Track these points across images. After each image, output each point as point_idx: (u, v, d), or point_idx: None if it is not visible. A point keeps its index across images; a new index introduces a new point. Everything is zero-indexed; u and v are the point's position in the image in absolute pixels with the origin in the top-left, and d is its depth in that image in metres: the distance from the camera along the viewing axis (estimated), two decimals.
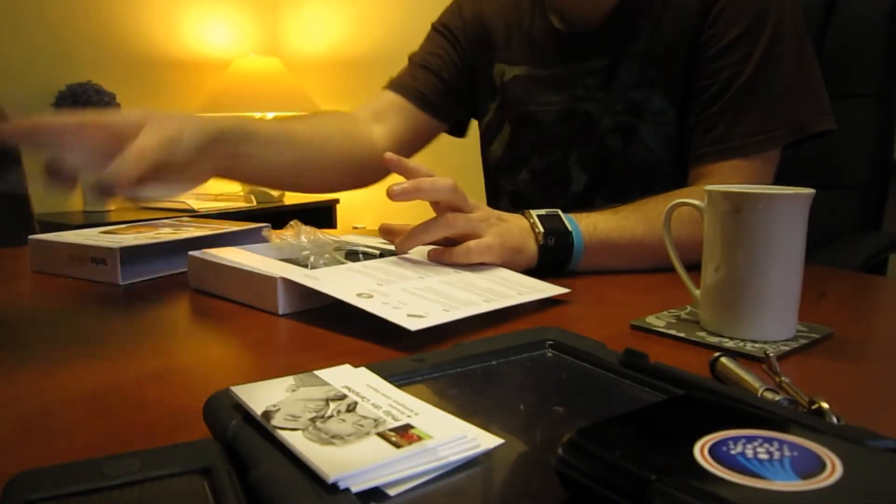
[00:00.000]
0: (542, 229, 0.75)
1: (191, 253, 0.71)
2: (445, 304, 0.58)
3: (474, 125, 1.17)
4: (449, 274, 0.67)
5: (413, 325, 0.52)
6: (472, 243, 0.70)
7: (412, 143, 1.06)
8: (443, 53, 1.07)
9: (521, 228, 0.76)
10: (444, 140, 1.16)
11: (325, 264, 0.70)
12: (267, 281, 0.62)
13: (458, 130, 1.19)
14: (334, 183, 0.99)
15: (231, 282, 0.66)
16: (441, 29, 1.10)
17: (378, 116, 1.03)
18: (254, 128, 0.78)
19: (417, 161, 0.73)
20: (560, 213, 0.79)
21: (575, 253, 0.77)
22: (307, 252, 0.73)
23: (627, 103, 0.94)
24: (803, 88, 0.87)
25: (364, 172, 0.98)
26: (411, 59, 1.10)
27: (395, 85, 1.06)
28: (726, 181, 0.82)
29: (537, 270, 0.74)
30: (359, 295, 0.58)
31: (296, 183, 0.92)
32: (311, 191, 0.99)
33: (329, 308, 0.63)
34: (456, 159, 1.48)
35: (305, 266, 0.69)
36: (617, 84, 0.94)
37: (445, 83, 1.07)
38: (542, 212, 0.78)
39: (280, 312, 0.61)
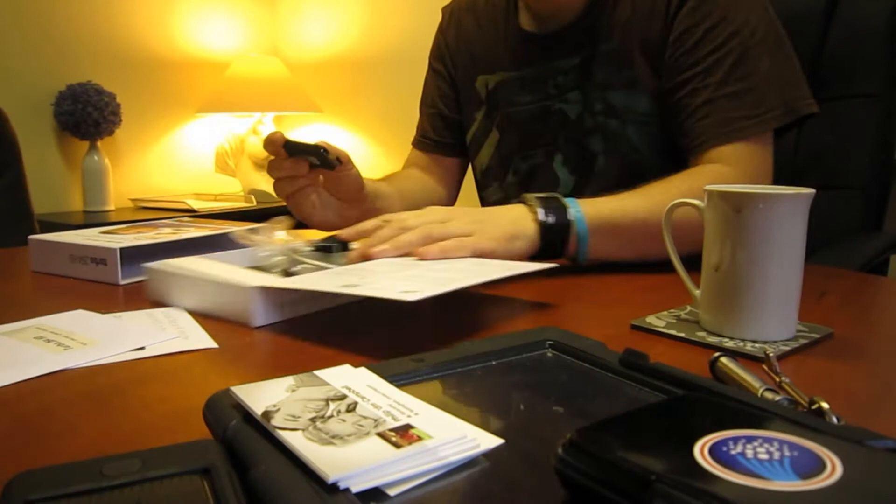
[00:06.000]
0: (537, 206, 0.75)
1: (149, 265, 0.66)
2: (436, 279, 0.55)
3: None
4: (434, 263, 0.65)
5: (410, 297, 0.49)
6: (467, 240, 0.70)
7: (456, 180, 1.21)
8: (441, 91, 1.16)
9: (513, 211, 0.76)
10: None
11: (301, 271, 0.66)
12: (240, 292, 0.57)
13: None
14: None
15: (197, 295, 0.61)
16: (434, 65, 1.18)
17: (425, 170, 1.18)
18: (376, 189, 0.99)
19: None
20: (558, 195, 0.78)
21: (580, 235, 0.76)
22: (279, 258, 0.69)
23: (606, 104, 0.95)
24: (785, 73, 0.88)
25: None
26: (421, 106, 1.21)
27: (417, 143, 1.20)
28: (732, 164, 0.84)
29: (541, 254, 0.74)
30: (345, 286, 0.55)
31: None
32: None
33: (324, 313, 0.62)
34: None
35: (278, 273, 0.66)
36: (591, 84, 0.95)
37: (453, 121, 1.15)
38: (539, 194, 0.78)
39: (255, 325, 0.57)
